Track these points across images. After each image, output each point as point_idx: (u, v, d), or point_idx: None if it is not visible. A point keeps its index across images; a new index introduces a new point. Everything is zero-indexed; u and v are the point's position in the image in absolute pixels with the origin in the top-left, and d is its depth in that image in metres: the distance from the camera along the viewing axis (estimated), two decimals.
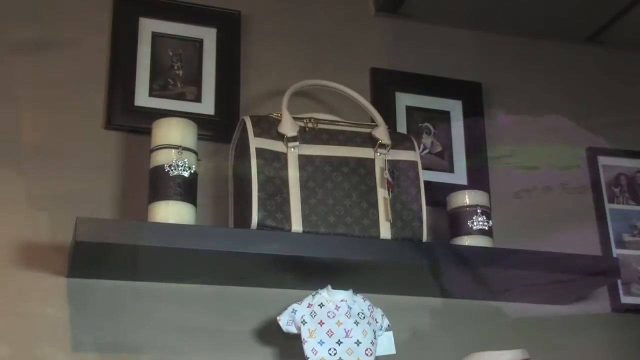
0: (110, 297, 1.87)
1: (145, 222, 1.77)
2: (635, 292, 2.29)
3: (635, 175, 2.44)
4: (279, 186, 1.83)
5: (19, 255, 1.84)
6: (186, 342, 1.89)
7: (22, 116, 1.95)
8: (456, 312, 2.13)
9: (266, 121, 1.89)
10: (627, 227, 2.37)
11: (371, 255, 1.83)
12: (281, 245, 1.77)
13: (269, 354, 1.94)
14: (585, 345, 2.20)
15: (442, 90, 2.34)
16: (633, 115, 2.53)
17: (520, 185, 2.33)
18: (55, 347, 1.79)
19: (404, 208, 1.91)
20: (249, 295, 1.97)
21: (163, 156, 1.78)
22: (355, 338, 1.78)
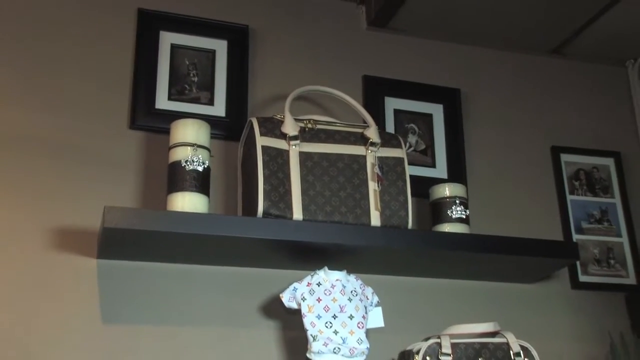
0: (134, 276, 1.87)
1: (164, 211, 1.76)
2: (592, 271, 2.28)
3: (592, 171, 2.42)
4: (282, 179, 1.82)
5: (54, 240, 1.83)
6: (200, 316, 1.88)
7: (57, 119, 1.94)
8: (437, 290, 2.11)
9: (271, 122, 1.88)
10: (585, 215, 2.36)
11: (363, 241, 1.82)
12: (284, 231, 1.77)
13: (272, 327, 1.94)
14: (548, 318, 2.18)
15: (425, 95, 2.32)
16: (591, 119, 2.51)
17: (493, 180, 2.31)
18: (87, 319, 1.79)
19: (392, 199, 1.91)
20: (255, 275, 1.96)
21: (180, 153, 1.78)
22: (349, 313, 1.78)
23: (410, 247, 1.87)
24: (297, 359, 1.89)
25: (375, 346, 1.85)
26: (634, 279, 2.30)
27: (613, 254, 2.32)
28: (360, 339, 1.76)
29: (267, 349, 1.91)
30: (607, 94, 2.57)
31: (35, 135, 1.90)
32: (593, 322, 2.22)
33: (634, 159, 2.49)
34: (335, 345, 1.72)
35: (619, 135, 2.51)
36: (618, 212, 2.39)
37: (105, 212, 1.64)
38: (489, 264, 2.01)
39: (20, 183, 1.85)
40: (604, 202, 2.39)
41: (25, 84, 1.94)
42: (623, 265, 2.32)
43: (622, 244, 2.35)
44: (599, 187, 2.40)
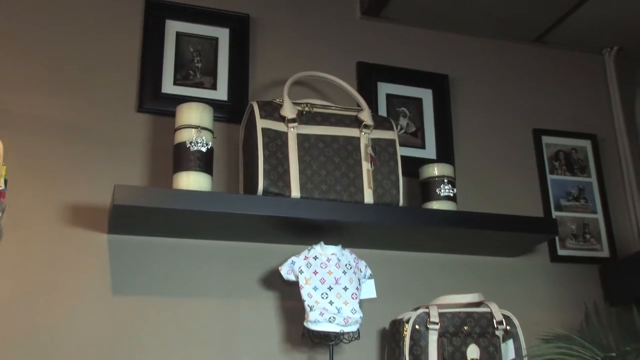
0: (143, 250, 1.86)
1: (170, 189, 1.76)
2: (569, 245, 2.28)
3: (570, 152, 2.41)
4: (280, 160, 1.81)
5: (67, 216, 1.83)
6: (204, 287, 1.88)
7: (70, 103, 1.93)
8: (426, 263, 2.11)
9: (270, 106, 1.87)
10: (564, 193, 2.35)
11: (357, 217, 1.82)
12: (282, 208, 1.77)
13: (272, 297, 1.93)
14: (529, 289, 2.18)
15: (416, 80, 2.31)
16: (570, 103, 2.50)
17: (479, 160, 2.29)
18: (99, 291, 1.80)
19: (384, 178, 1.90)
20: (255, 250, 1.95)
21: (185, 134, 1.77)
22: (343, 284, 1.78)
23: (401, 223, 1.87)
24: (295, 327, 1.88)
25: (368, 316, 1.86)
26: (608, 252, 2.31)
27: (589, 230, 2.32)
28: (354, 309, 1.75)
29: (267, 318, 1.91)
30: (585, 80, 2.56)
31: (50, 118, 1.89)
32: (569, 293, 2.22)
33: (609, 141, 2.48)
34: (331, 315, 1.72)
35: (595, 119, 2.50)
36: (594, 191, 2.38)
37: (115, 190, 1.64)
38: (474, 239, 2.00)
39: (36, 162, 1.84)
40: (581, 181, 2.38)
41: (40, 70, 1.93)
42: (598, 239, 2.32)
43: (597, 220, 2.35)
44: (576, 167, 2.39)
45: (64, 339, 1.72)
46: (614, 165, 2.45)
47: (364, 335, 1.87)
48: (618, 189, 2.42)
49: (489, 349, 1.80)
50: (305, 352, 1.89)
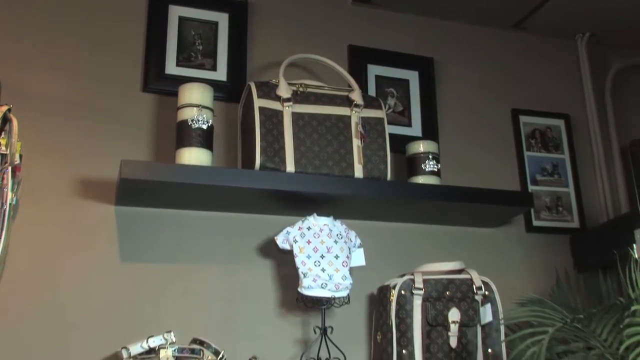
0: (148, 221, 1.85)
1: (173, 164, 1.75)
2: (543, 217, 2.27)
3: (546, 130, 2.39)
4: (276, 136, 1.80)
5: (77, 189, 1.82)
6: (205, 256, 1.87)
7: (78, 83, 1.90)
8: (411, 233, 2.09)
9: (267, 86, 1.85)
10: (539, 169, 2.34)
11: (347, 190, 1.81)
12: (278, 182, 1.76)
13: (268, 265, 1.92)
14: (506, 257, 2.18)
15: (403, 63, 2.27)
16: (545, 85, 2.47)
17: (461, 137, 2.27)
18: (107, 258, 1.79)
19: (373, 154, 1.89)
20: (253, 221, 1.94)
21: (187, 113, 1.76)
22: (335, 253, 1.78)
23: (389, 196, 1.86)
24: (290, 293, 1.87)
25: (357, 282, 1.85)
26: (578, 223, 2.30)
27: (561, 202, 2.31)
28: (344, 276, 1.75)
29: (264, 284, 1.90)
30: (559, 64, 2.53)
31: (61, 97, 1.86)
32: (543, 260, 2.21)
33: (580, 120, 2.46)
34: (323, 281, 1.72)
35: (569, 100, 2.48)
36: (567, 167, 2.37)
37: (122, 165, 1.63)
38: (457, 211, 2.00)
39: (49, 139, 1.82)
40: (555, 157, 2.37)
41: (52, 52, 1.89)
42: (569, 211, 2.31)
43: (569, 194, 2.34)
44: (551, 144, 2.38)
45: (75, 303, 1.72)
46: (584, 143, 2.43)
47: (354, 300, 1.86)
48: (588, 165, 2.41)
49: (468, 312, 1.80)
50: (299, 315, 1.88)
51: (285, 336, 1.85)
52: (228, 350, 1.68)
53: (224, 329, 1.81)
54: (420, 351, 1.75)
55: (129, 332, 1.69)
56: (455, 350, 1.77)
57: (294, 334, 1.86)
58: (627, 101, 2.54)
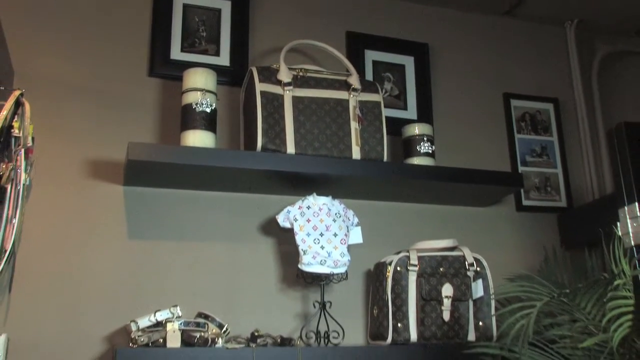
0: (155, 200, 1.84)
1: (178, 145, 1.75)
2: (533, 197, 2.26)
3: (535, 114, 2.37)
4: (277, 119, 1.79)
5: (87, 170, 1.81)
6: (209, 233, 1.86)
7: (87, 68, 1.88)
8: (407, 212, 2.08)
9: (268, 71, 1.84)
10: (529, 151, 2.32)
11: (345, 171, 1.80)
12: (279, 163, 1.75)
13: (269, 242, 1.91)
14: (497, 235, 2.17)
15: (399, 48, 2.25)
16: (535, 70, 2.44)
17: (455, 120, 2.25)
18: (115, 235, 1.79)
19: (370, 136, 1.87)
20: (255, 200, 1.92)
21: (191, 97, 1.75)
22: (333, 231, 1.78)
23: (385, 176, 1.85)
24: (290, 269, 1.87)
25: (355, 259, 1.84)
26: (565, 202, 2.29)
27: (549, 183, 2.29)
28: (342, 253, 1.75)
29: (266, 260, 1.89)
30: (549, 50, 2.50)
31: (70, 83, 1.84)
32: (531, 238, 2.20)
33: (569, 104, 2.44)
34: (322, 258, 1.72)
35: (557, 85, 2.45)
36: (555, 148, 2.35)
37: (130, 147, 1.62)
38: (450, 190, 1.98)
39: (59, 122, 1.81)
40: (544, 140, 2.35)
41: (62, 39, 1.88)
42: (557, 191, 2.30)
43: (557, 174, 2.32)
44: (540, 127, 2.36)
45: (86, 278, 1.71)
46: (572, 126, 2.41)
47: (351, 276, 1.85)
48: (575, 147, 2.39)
49: (461, 287, 1.80)
50: (299, 290, 1.88)
51: (286, 310, 1.85)
52: (231, 324, 1.68)
53: (228, 304, 1.80)
54: (414, 324, 1.75)
55: (137, 306, 1.69)
56: (448, 324, 1.77)
57: (295, 308, 1.86)
58: (613, 86, 2.52)
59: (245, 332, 1.70)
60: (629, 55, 2.57)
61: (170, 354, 1.53)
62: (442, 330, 1.76)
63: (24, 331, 1.61)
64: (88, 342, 1.66)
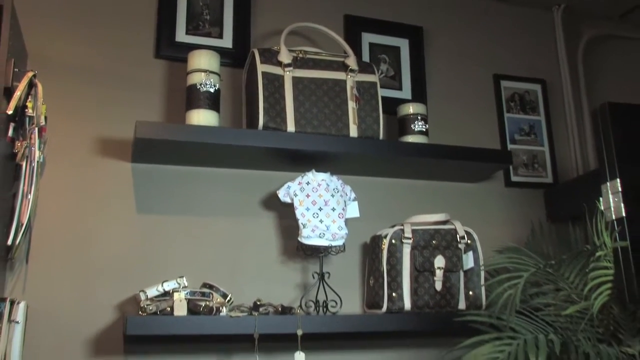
0: (161, 176, 1.82)
1: (183, 124, 1.72)
2: (521, 173, 2.24)
3: (524, 94, 2.34)
4: (278, 99, 1.77)
5: (97, 147, 1.79)
6: (214, 208, 1.85)
7: (97, 51, 1.85)
8: (401, 188, 2.06)
9: (269, 52, 1.81)
10: (518, 129, 2.29)
11: (343, 148, 1.78)
12: (279, 141, 1.73)
13: (271, 217, 1.90)
14: (487, 209, 2.15)
15: (394, 31, 2.21)
16: (524, 53, 2.40)
17: (448, 100, 2.22)
18: (124, 210, 1.77)
19: (367, 115, 1.85)
20: (256, 176, 1.91)
21: (195, 77, 1.73)
22: (332, 206, 1.76)
23: (381, 154, 1.83)
24: (290, 242, 1.86)
25: (352, 232, 1.84)
26: (551, 178, 2.27)
27: (537, 160, 2.27)
28: (340, 227, 1.74)
29: (267, 234, 1.88)
30: (537, 33, 2.46)
31: (80, 64, 1.82)
32: (519, 212, 2.19)
33: (555, 85, 2.40)
34: (321, 231, 1.71)
35: (545, 66, 2.42)
36: (542, 127, 2.33)
37: (137, 126, 1.60)
38: (442, 167, 1.97)
39: (70, 102, 1.78)
40: (532, 119, 2.32)
41: (72, 23, 1.84)
42: (544, 168, 2.28)
43: (544, 152, 2.30)
44: (529, 107, 2.33)
45: (97, 250, 1.71)
46: (559, 106, 2.39)
47: (349, 248, 1.85)
48: (561, 126, 2.37)
49: (452, 259, 1.80)
50: (299, 262, 1.87)
51: (287, 281, 1.84)
52: (235, 294, 1.68)
53: (231, 275, 1.80)
54: (408, 294, 1.75)
55: (145, 277, 1.69)
56: (440, 293, 1.77)
57: (295, 279, 1.85)
58: (597, 68, 2.50)
59: (248, 301, 1.69)
60: (612, 39, 2.55)
61: (177, 321, 1.52)
62: (434, 300, 1.76)
63: (41, 299, 1.61)
64: (100, 310, 1.67)
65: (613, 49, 2.54)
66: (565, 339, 1.59)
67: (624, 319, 1.66)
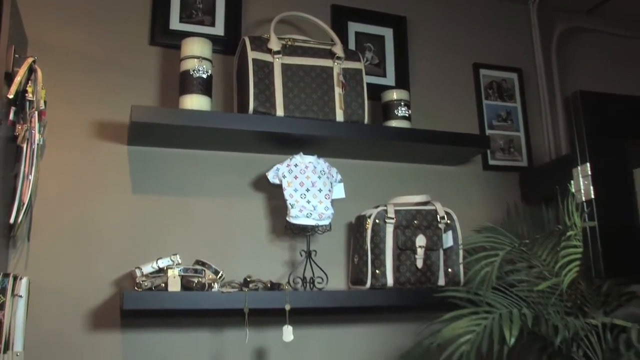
0: (156, 158, 1.80)
1: (177, 108, 1.70)
2: (498, 157, 2.23)
3: (501, 82, 2.33)
4: (267, 85, 1.75)
5: (95, 130, 1.77)
6: (206, 189, 1.84)
7: (94, 38, 1.82)
8: (385, 170, 2.05)
9: (259, 40, 1.79)
10: (495, 116, 2.28)
11: (330, 132, 1.77)
12: (269, 125, 1.72)
13: (260, 197, 1.89)
14: (466, 191, 2.15)
15: (379, 21, 2.18)
16: (502, 43, 2.38)
17: (429, 87, 2.21)
18: (120, 191, 1.76)
19: (353, 101, 1.84)
20: (247, 159, 1.89)
21: (189, 64, 1.71)
22: (319, 187, 1.76)
23: (366, 137, 1.82)
24: (279, 221, 1.85)
25: (338, 212, 1.82)
26: (526, 162, 2.26)
27: (513, 144, 2.27)
28: (327, 207, 1.74)
29: (257, 213, 1.87)
30: (514, 25, 2.44)
31: (78, 51, 1.79)
32: (496, 194, 2.18)
33: (531, 74, 2.39)
34: (308, 211, 1.70)
35: (521, 56, 2.40)
36: (518, 114, 2.32)
37: (133, 110, 1.59)
38: (424, 151, 1.96)
39: (68, 87, 1.76)
40: (509, 106, 2.31)
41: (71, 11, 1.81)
42: (519, 152, 2.27)
43: (520, 137, 2.29)
44: (506, 94, 2.32)
45: (95, 229, 1.70)
46: (534, 94, 2.38)
47: (335, 227, 1.84)
48: (536, 112, 2.36)
49: (433, 238, 1.80)
50: (287, 241, 1.86)
51: (275, 258, 1.84)
52: (226, 270, 1.67)
53: (223, 252, 1.79)
54: (391, 271, 1.75)
55: (140, 254, 1.67)
56: (420, 270, 1.77)
57: (283, 256, 1.84)
58: (569, 58, 2.49)
59: (239, 278, 1.69)
60: (584, 32, 2.54)
61: (171, 297, 1.52)
62: (415, 276, 1.76)
63: (43, 275, 1.60)
64: (98, 285, 1.66)
65: (584, 41, 2.54)
66: (537, 312, 1.60)
67: (590, 294, 1.69)
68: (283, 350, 1.79)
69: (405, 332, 1.91)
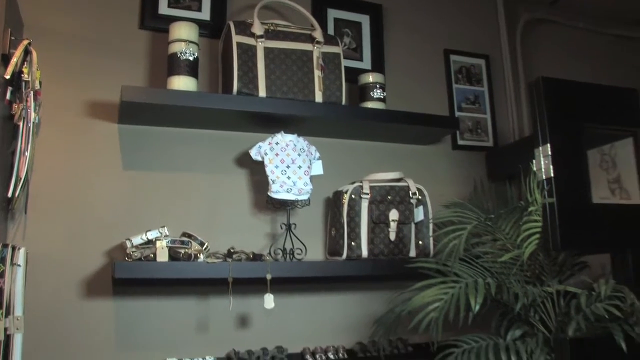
0: (145, 136, 1.77)
1: (165, 89, 1.67)
2: (466, 137, 2.23)
3: (470, 67, 2.32)
4: (251, 67, 1.72)
5: (87, 110, 1.73)
6: (192, 165, 1.81)
7: (87, 21, 1.77)
8: (361, 149, 2.04)
9: (243, 25, 1.75)
10: (464, 99, 2.27)
11: (309, 112, 1.75)
12: (252, 105, 1.69)
13: (244, 173, 1.87)
14: (436, 169, 2.14)
15: (356, 8, 2.15)
16: (471, 31, 2.36)
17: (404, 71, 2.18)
18: (111, 167, 1.73)
19: (331, 83, 1.82)
20: (231, 137, 1.86)
21: (176, 47, 1.67)
22: (298, 164, 1.74)
23: (343, 118, 1.81)
24: (261, 196, 1.84)
25: (316, 187, 1.81)
26: (492, 142, 2.27)
27: (480, 126, 2.27)
28: (306, 183, 1.72)
29: (240, 188, 1.85)
30: (483, 14, 2.42)
31: (71, 34, 1.75)
32: (464, 172, 2.18)
33: (497, 60, 2.39)
34: (288, 187, 1.69)
35: (489, 44, 2.39)
36: (485, 97, 2.31)
37: (123, 90, 1.56)
38: (398, 131, 1.95)
39: (62, 68, 1.72)
40: (477, 90, 2.30)
41: None
42: (486, 133, 2.27)
43: (487, 119, 2.29)
44: (474, 79, 2.31)
45: (88, 203, 1.68)
46: (500, 79, 2.37)
47: (313, 202, 1.83)
48: (502, 96, 2.36)
49: (405, 212, 1.80)
50: (269, 214, 1.85)
51: (257, 231, 1.83)
52: (211, 242, 1.66)
53: (208, 225, 1.77)
54: (366, 243, 1.75)
55: (130, 226, 1.66)
56: (393, 243, 1.77)
57: (264, 229, 1.83)
58: (533, 47, 2.49)
59: (223, 249, 1.67)
60: (546, 22, 2.54)
61: (160, 267, 1.51)
62: (388, 248, 1.76)
63: (39, 246, 1.58)
64: (91, 256, 1.64)
65: (547, 32, 2.54)
66: (500, 282, 1.62)
67: (547, 264, 1.71)
68: (264, 317, 1.79)
69: (379, 300, 1.92)
